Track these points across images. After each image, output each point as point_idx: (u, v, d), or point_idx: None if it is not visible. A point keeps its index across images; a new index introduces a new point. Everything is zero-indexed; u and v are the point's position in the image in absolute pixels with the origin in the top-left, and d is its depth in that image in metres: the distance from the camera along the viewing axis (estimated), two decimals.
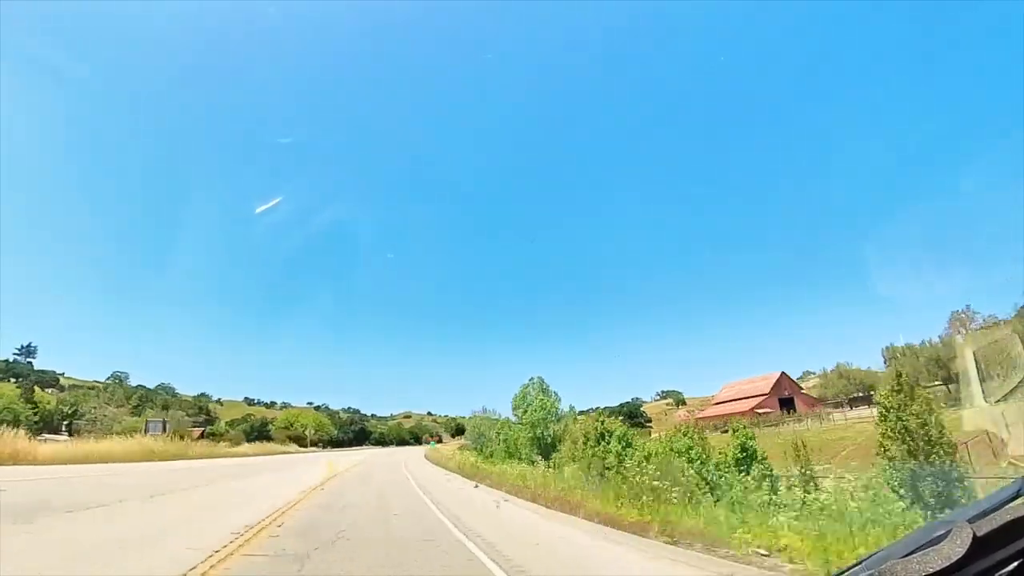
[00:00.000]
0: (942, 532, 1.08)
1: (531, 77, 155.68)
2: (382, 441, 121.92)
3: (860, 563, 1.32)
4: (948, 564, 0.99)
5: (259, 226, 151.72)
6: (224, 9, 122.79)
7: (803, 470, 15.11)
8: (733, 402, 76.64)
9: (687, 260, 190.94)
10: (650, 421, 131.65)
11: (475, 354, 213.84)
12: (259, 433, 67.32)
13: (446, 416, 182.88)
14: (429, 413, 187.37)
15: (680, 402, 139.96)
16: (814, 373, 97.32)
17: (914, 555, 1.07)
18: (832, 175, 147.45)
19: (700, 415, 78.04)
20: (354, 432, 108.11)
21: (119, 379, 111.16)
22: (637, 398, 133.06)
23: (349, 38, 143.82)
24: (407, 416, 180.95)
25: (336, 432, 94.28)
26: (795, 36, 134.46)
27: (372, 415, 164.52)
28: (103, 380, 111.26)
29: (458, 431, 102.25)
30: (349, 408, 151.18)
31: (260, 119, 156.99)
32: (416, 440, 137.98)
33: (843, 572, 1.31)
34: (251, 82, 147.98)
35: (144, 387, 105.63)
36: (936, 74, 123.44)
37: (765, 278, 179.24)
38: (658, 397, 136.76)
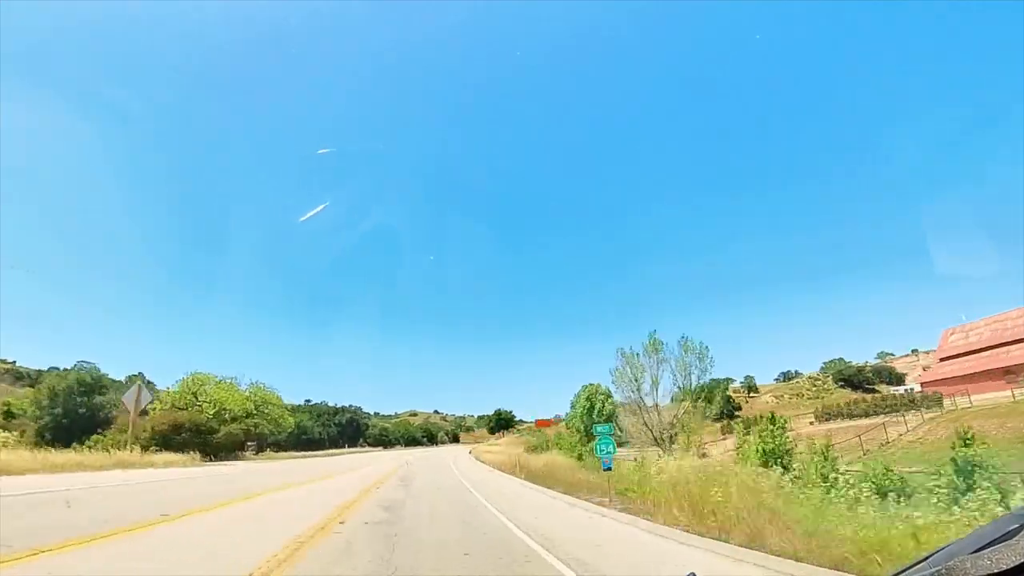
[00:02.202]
0: (1015, 526, 1.01)
1: (559, 78, 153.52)
2: (383, 440, 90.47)
3: (926, 559, 1.20)
4: (1023, 560, 0.90)
5: (273, 229, 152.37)
6: (257, 23, 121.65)
7: None
8: (989, 352, 45.64)
9: (720, 250, 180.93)
10: (739, 408, 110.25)
11: (479, 355, 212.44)
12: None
13: (454, 415, 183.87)
14: (436, 411, 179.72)
15: (752, 387, 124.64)
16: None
17: (984, 551, 0.98)
18: (880, 153, 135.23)
19: (932, 376, 48.87)
20: (339, 427, 75.06)
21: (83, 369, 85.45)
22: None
23: (382, 47, 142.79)
24: (413, 414, 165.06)
25: (305, 422, 61.16)
26: (843, 10, 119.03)
27: (375, 413, 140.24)
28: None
29: (499, 424, 71.83)
30: (351, 406, 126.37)
31: (293, 127, 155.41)
32: (430, 439, 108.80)
33: (907, 568, 1.21)
34: (290, 93, 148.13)
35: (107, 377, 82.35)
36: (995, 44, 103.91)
37: (798, 265, 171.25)
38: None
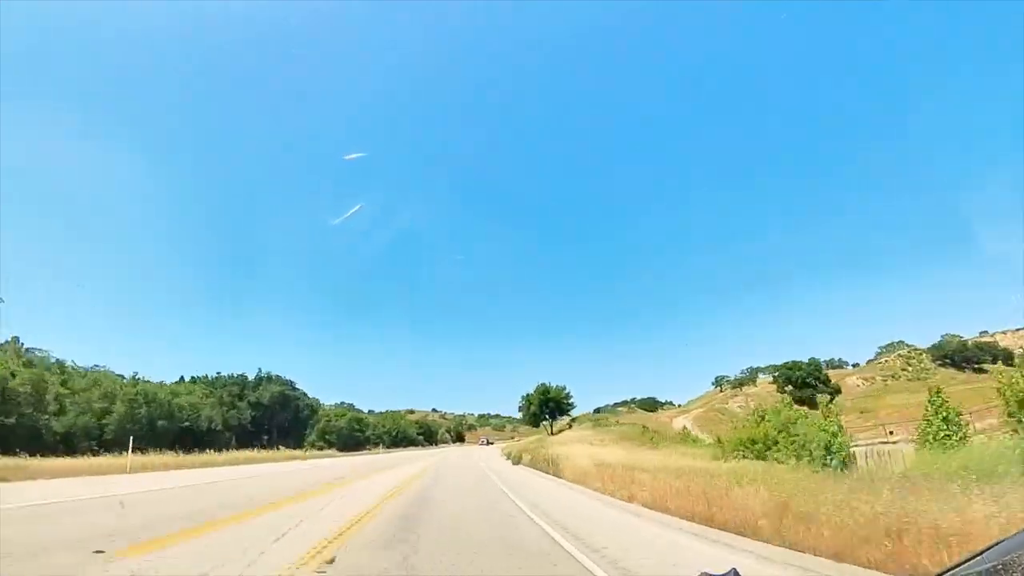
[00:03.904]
0: None
1: (575, 81, 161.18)
2: (355, 439, 58.73)
3: (979, 554, 1.15)
4: None
5: (294, 233, 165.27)
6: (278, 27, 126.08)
7: None
8: None
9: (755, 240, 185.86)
10: (839, 391, 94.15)
11: (480, 355, 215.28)
12: None
13: (453, 414, 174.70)
14: (434, 410, 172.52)
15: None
16: None
17: None
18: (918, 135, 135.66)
19: None
20: (257, 410, 43.38)
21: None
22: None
23: (408, 59, 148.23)
24: (410, 412, 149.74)
25: (185, 401, 31.62)
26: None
27: (369, 411, 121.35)
28: None
29: (545, 411, 41.95)
30: (343, 403, 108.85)
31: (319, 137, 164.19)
32: (428, 438, 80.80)
33: (960, 564, 1.18)
34: (317, 100, 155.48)
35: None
36: None
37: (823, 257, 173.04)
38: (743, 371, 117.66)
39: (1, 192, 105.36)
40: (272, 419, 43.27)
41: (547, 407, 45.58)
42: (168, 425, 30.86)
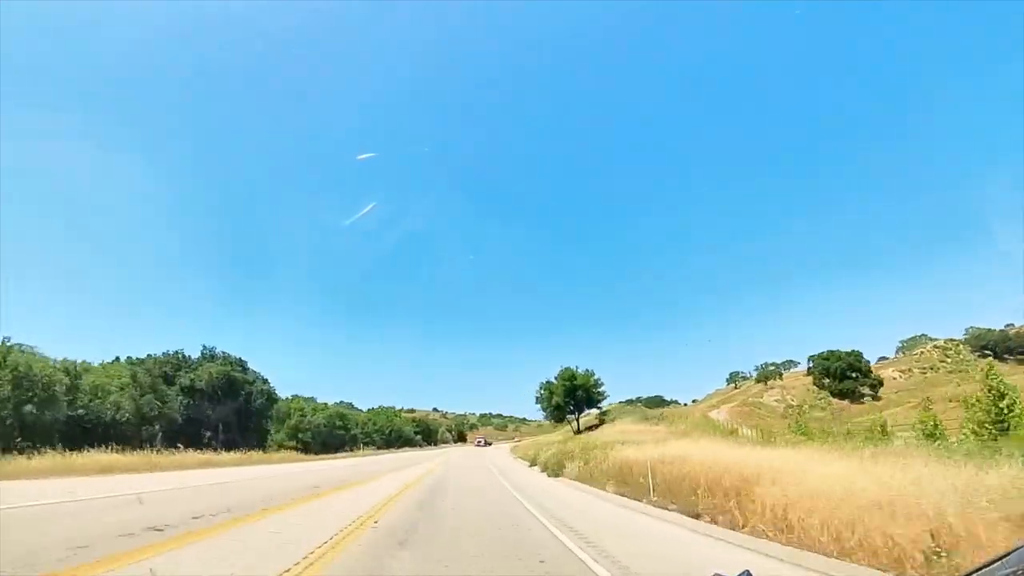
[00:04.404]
0: None
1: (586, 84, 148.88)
2: (336, 439, 50.42)
3: (1000, 559, 1.11)
4: None
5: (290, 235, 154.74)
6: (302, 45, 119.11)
7: None
8: None
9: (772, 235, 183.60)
10: (881, 383, 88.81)
11: (482, 354, 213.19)
12: None
13: (454, 413, 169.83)
14: (435, 409, 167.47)
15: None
16: None
17: None
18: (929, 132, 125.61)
19: None
20: (192, 396, 31.64)
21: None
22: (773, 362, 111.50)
23: (410, 60, 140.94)
24: (410, 412, 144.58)
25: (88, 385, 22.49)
26: None
27: (368, 410, 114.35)
28: None
29: (571, 404, 32.86)
30: (342, 402, 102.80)
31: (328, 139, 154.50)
32: (427, 438, 72.67)
33: (981, 568, 1.15)
34: (327, 101, 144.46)
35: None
36: None
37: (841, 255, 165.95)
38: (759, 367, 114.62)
39: (1, 192, 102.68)
40: (214, 409, 33.97)
41: (573, 397, 36.38)
42: (40, 413, 21.94)
